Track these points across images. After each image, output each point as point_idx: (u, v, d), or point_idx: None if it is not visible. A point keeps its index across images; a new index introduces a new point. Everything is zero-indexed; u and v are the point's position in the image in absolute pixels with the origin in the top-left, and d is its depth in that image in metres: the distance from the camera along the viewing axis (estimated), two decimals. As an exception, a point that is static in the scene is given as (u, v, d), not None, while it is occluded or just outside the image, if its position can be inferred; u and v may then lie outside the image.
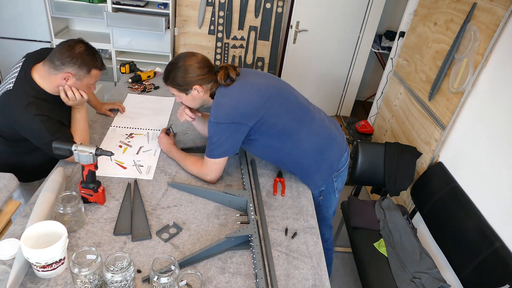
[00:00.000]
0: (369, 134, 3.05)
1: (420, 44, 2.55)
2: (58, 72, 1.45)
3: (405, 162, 2.23)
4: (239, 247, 1.28)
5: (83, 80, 1.50)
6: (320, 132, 1.58)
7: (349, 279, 2.32)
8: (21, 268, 1.06)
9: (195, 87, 1.45)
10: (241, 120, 1.40)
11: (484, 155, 1.78)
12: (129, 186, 1.48)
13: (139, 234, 1.27)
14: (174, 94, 1.51)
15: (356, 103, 4.37)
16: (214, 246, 1.23)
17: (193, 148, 1.76)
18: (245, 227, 1.31)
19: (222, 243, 1.24)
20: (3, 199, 1.57)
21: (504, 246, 1.55)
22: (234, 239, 1.26)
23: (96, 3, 3.21)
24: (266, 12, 3.56)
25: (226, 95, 1.43)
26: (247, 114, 1.41)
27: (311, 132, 1.54)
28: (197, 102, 1.52)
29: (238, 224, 1.39)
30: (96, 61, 1.51)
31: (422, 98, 2.39)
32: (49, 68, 1.45)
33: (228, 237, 1.24)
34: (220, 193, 1.45)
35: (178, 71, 1.43)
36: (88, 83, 1.54)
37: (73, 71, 1.45)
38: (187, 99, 1.51)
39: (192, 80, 1.43)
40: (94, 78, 1.54)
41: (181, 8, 3.51)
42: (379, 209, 2.15)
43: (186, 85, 1.44)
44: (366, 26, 3.70)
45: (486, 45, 1.82)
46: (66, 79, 1.46)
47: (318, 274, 1.23)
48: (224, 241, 1.24)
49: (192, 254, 1.20)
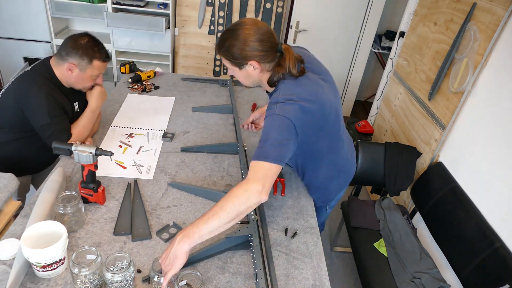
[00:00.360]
0: (369, 134, 3.05)
1: (420, 44, 2.55)
2: (64, 62, 1.53)
3: (405, 162, 2.23)
4: (239, 247, 1.28)
5: (86, 70, 1.55)
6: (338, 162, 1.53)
7: (349, 279, 2.32)
8: (21, 268, 1.06)
9: (251, 63, 1.24)
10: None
11: (484, 155, 1.78)
12: (129, 186, 1.48)
13: (139, 234, 1.27)
14: (226, 66, 1.31)
15: (356, 103, 4.37)
16: (214, 246, 1.23)
17: (193, 147, 1.76)
18: (245, 227, 1.30)
19: (222, 243, 1.24)
20: (3, 199, 1.57)
21: (504, 246, 1.55)
22: (234, 239, 1.26)
23: (96, 3, 3.21)
24: (266, 12, 3.56)
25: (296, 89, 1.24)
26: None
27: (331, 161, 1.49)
28: (251, 80, 1.32)
29: (238, 224, 1.38)
30: (98, 52, 1.55)
31: (422, 98, 2.39)
32: (57, 59, 1.55)
33: (228, 237, 1.24)
34: (220, 193, 1.45)
35: (236, 41, 1.21)
36: (92, 75, 1.58)
37: (75, 61, 1.52)
38: (240, 74, 1.30)
39: (249, 54, 1.22)
40: (98, 70, 1.58)
41: (181, 8, 3.51)
42: (379, 209, 2.15)
43: (241, 58, 1.23)
44: (366, 26, 3.70)
45: (486, 45, 1.82)
46: (71, 70, 1.54)
47: (318, 274, 1.23)
48: (224, 241, 1.24)
49: (192, 254, 1.20)
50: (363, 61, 3.93)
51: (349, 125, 3.17)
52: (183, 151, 1.75)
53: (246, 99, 2.35)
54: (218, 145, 1.79)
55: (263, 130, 1.23)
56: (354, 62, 3.92)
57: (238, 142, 1.80)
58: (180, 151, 1.75)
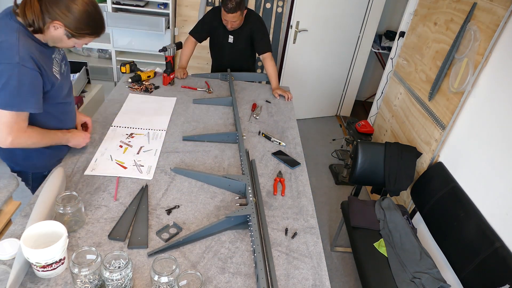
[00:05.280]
0: (369, 134, 3.05)
1: (420, 44, 2.55)
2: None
3: (405, 162, 2.23)
4: (238, 227, 1.36)
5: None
6: None
7: (349, 279, 2.32)
8: (21, 268, 1.06)
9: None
10: None
11: (484, 155, 1.78)
12: (142, 190, 1.47)
13: (136, 242, 1.24)
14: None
15: (356, 103, 4.37)
16: (215, 225, 1.29)
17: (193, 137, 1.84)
18: (244, 207, 1.39)
19: (222, 222, 1.31)
20: (3, 199, 1.57)
21: (504, 246, 1.55)
22: (233, 218, 1.33)
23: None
24: (266, 12, 3.56)
25: None
26: None
27: None
28: None
29: (237, 205, 1.47)
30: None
31: (422, 98, 2.39)
32: None
33: (228, 217, 1.32)
34: (220, 178, 1.53)
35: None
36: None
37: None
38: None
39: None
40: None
41: (181, 8, 3.51)
42: (379, 209, 2.15)
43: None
44: (366, 26, 3.70)
45: (486, 45, 1.82)
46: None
47: (318, 274, 1.23)
48: (224, 220, 1.31)
49: (193, 232, 1.26)
50: (363, 61, 3.93)
51: (349, 125, 3.17)
52: (185, 140, 1.84)
53: (246, 99, 2.36)
54: (218, 135, 1.86)
55: None
56: (354, 62, 3.92)
57: (237, 132, 1.86)
58: (182, 139, 1.83)
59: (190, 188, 1.53)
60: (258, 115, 2.17)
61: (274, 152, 1.84)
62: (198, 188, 1.54)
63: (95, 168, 1.56)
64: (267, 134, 1.96)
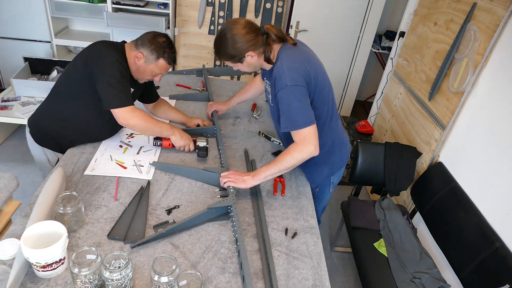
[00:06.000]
0: (369, 134, 3.05)
1: (420, 44, 2.55)
2: (135, 50, 1.58)
3: (405, 162, 2.23)
4: (220, 218, 1.39)
5: (149, 65, 1.58)
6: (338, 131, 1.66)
7: (349, 279, 2.32)
8: (21, 268, 1.06)
9: (248, 53, 1.42)
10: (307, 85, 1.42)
11: (484, 155, 1.78)
12: (141, 190, 1.47)
13: (132, 237, 1.25)
14: (231, 65, 1.50)
15: (356, 103, 4.37)
16: (197, 216, 1.33)
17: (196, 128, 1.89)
18: (225, 199, 1.42)
19: (204, 213, 1.34)
20: (3, 199, 1.57)
21: (504, 246, 1.55)
22: (215, 210, 1.36)
23: (96, 3, 3.21)
24: (266, 12, 3.56)
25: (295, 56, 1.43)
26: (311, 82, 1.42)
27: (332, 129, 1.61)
28: (254, 67, 1.50)
29: (218, 196, 1.50)
30: (168, 53, 1.58)
31: (422, 98, 2.39)
32: (132, 45, 1.61)
33: (210, 208, 1.35)
34: (199, 171, 1.55)
35: (227, 44, 1.40)
36: (153, 71, 1.60)
37: (145, 52, 1.56)
38: (243, 66, 1.49)
39: (243, 48, 1.40)
40: (159, 69, 1.60)
41: (181, 8, 3.51)
42: (379, 209, 2.15)
43: (238, 54, 1.42)
44: (366, 26, 3.70)
45: (486, 45, 1.82)
46: (137, 58, 1.57)
47: (318, 274, 1.23)
48: (206, 211, 1.34)
49: (177, 223, 1.29)
50: (363, 61, 3.93)
51: (349, 125, 3.17)
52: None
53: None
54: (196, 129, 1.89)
55: (282, 101, 1.40)
56: (354, 62, 3.92)
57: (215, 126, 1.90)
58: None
59: (190, 188, 1.53)
60: (258, 115, 2.17)
61: (274, 152, 1.84)
62: (198, 188, 1.54)
63: (95, 168, 1.56)
64: (267, 134, 1.96)
